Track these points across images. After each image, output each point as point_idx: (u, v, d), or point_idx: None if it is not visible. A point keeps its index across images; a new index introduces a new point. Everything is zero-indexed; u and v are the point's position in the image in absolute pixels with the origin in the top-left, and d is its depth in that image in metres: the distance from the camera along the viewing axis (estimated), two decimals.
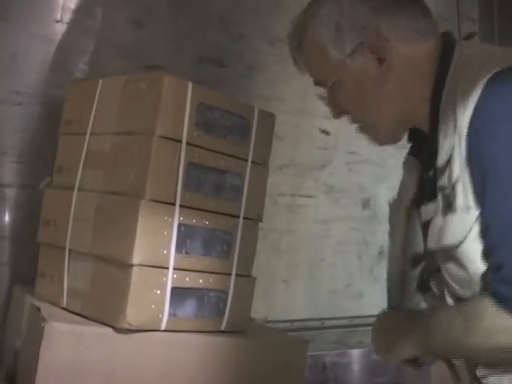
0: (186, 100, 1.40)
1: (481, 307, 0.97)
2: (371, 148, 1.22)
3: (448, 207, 1.01)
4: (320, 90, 1.20)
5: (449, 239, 1.01)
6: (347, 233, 2.37)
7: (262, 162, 1.57)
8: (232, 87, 2.01)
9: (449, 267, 1.04)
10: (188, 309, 1.42)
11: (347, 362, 2.30)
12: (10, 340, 1.52)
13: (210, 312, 1.46)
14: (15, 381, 1.41)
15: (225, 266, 1.48)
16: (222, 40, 2.04)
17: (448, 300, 1.09)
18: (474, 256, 0.98)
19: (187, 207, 1.41)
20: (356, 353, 2.32)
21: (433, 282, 1.16)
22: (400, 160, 1.28)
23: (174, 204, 1.38)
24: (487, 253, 0.97)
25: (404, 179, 1.25)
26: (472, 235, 0.98)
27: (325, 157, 2.29)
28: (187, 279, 1.41)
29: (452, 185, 0.99)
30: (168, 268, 1.38)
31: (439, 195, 1.03)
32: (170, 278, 1.38)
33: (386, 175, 1.23)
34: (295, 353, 1.62)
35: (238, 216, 1.51)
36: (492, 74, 0.98)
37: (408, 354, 1.14)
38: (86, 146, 1.50)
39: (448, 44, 1.10)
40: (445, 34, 1.13)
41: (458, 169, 0.99)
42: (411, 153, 1.23)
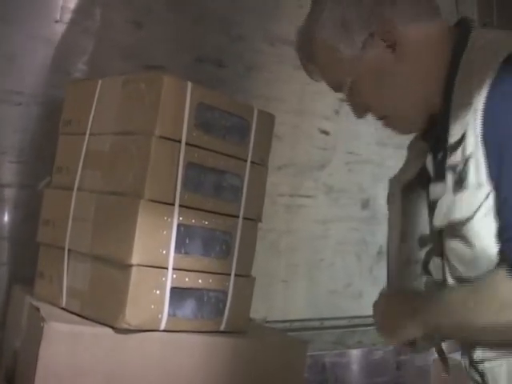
0: (186, 100, 1.40)
1: (496, 280, 0.97)
2: (370, 148, 1.23)
3: (459, 184, 1.01)
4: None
5: (457, 214, 1.00)
6: (347, 233, 2.37)
7: (262, 162, 1.57)
8: (231, 87, 2.01)
9: (454, 246, 1.04)
10: (187, 309, 1.42)
11: (347, 362, 2.30)
12: (10, 340, 1.52)
13: (210, 312, 1.46)
14: (14, 381, 1.41)
15: (224, 266, 1.48)
16: (222, 40, 2.04)
17: (450, 283, 1.08)
18: (482, 233, 0.98)
19: (186, 207, 1.41)
20: (355, 353, 2.33)
21: (433, 266, 1.16)
22: (399, 160, 1.28)
23: (174, 204, 1.38)
24: (504, 227, 0.97)
25: (408, 159, 1.25)
26: (482, 212, 0.98)
27: (324, 157, 2.29)
28: (186, 279, 1.41)
29: (465, 161, 1.00)
30: (167, 268, 1.37)
31: (448, 175, 1.04)
32: (170, 278, 1.38)
33: (386, 175, 1.23)
34: (294, 353, 1.62)
35: (238, 216, 1.51)
36: (508, 54, 0.99)
37: (413, 336, 1.13)
38: (86, 146, 1.50)
39: (465, 27, 1.11)
40: (463, 19, 1.15)
41: (472, 145, 0.99)
42: (419, 137, 1.22)
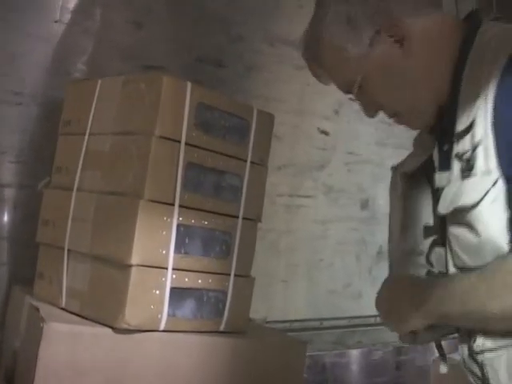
0: (185, 100, 1.40)
1: (509, 267, 0.96)
2: (370, 148, 1.23)
3: (466, 171, 1.01)
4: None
5: (464, 200, 1.00)
6: (346, 233, 2.37)
7: (261, 163, 1.57)
8: (231, 87, 2.01)
9: (459, 234, 1.03)
10: (187, 309, 1.42)
11: (346, 362, 2.30)
12: (9, 340, 1.52)
13: (209, 312, 1.46)
14: (14, 381, 1.41)
15: (224, 267, 1.48)
16: (222, 40, 2.04)
17: (452, 272, 1.06)
18: (489, 220, 0.97)
19: (186, 207, 1.41)
20: (355, 353, 2.33)
21: (434, 256, 1.15)
22: (399, 160, 1.28)
23: (173, 204, 1.38)
24: None
25: (413, 152, 1.24)
26: (489, 198, 0.97)
27: (324, 157, 2.29)
28: (186, 279, 1.41)
29: (473, 148, 0.99)
30: (167, 268, 1.37)
31: (455, 163, 1.03)
32: (169, 279, 1.38)
33: (385, 175, 1.22)
34: (294, 353, 1.62)
35: (237, 216, 1.51)
36: None
37: (419, 326, 1.11)
38: (85, 147, 1.50)
39: (475, 21, 1.11)
40: (473, 12, 1.14)
41: (481, 132, 0.99)
42: (424, 131, 1.22)
